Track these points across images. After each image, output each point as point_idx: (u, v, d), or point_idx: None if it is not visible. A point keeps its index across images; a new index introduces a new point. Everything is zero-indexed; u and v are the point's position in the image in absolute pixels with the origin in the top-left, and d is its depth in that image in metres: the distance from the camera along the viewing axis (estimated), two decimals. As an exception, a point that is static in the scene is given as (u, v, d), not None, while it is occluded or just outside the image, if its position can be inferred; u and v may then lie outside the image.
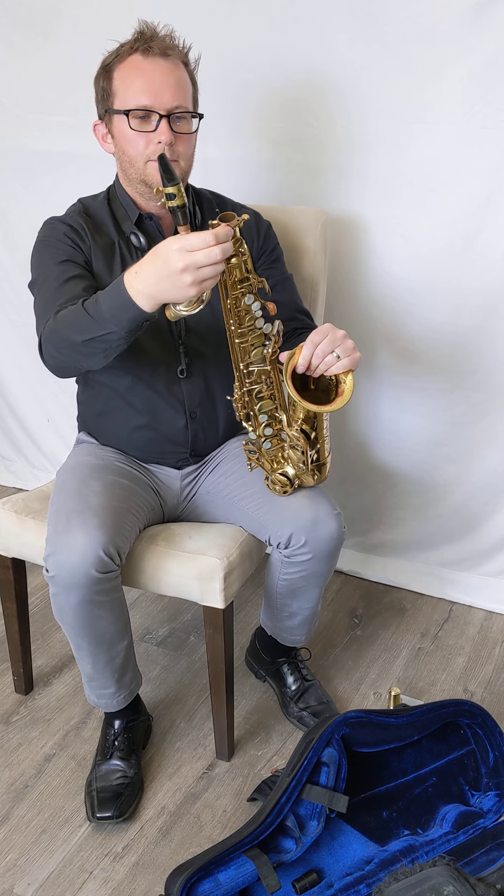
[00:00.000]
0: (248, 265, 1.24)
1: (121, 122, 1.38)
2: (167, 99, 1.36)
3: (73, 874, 1.39)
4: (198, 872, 1.22)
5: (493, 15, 1.59)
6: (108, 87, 1.39)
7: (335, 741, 1.29)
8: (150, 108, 1.36)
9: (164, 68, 1.36)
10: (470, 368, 1.90)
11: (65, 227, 1.46)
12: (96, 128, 1.46)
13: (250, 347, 1.30)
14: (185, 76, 1.40)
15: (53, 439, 2.57)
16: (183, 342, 1.50)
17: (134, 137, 1.38)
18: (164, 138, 1.36)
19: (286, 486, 1.42)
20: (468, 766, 1.40)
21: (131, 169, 1.42)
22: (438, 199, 1.78)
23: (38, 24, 2.02)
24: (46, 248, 1.44)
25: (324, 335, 1.23)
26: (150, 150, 1.38)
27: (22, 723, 1.71)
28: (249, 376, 1.33)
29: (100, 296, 1.24)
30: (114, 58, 1.39)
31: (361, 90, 1.76)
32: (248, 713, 1.74)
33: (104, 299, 1.22)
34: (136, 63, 1.36)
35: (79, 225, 1.46)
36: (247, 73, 1.80)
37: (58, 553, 1.32)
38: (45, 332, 1.33)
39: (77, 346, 1.26)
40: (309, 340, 1.24)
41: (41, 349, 1.35)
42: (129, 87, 1.37)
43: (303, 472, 1.40)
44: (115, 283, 1.20)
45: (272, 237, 1.60)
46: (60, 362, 1.33)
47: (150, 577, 1.49)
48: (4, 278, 2.38)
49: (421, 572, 2.15)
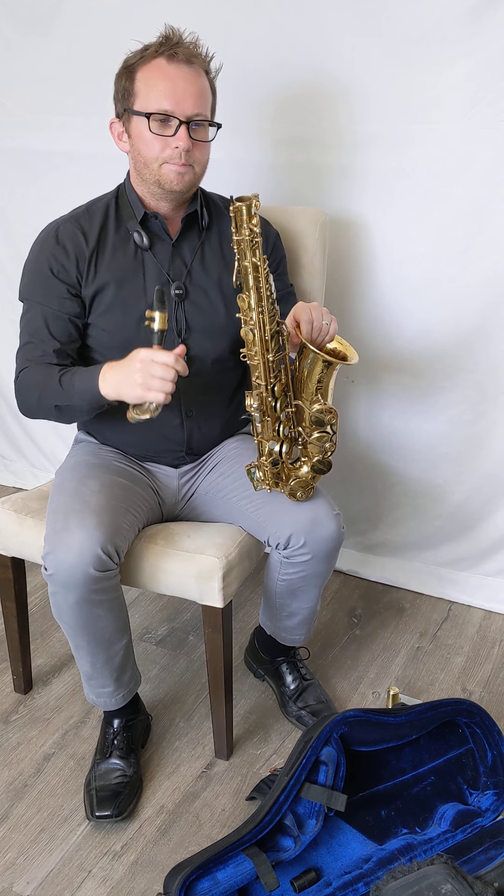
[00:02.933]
0: (260, 250, 1.26)
1: (140, 124, 1.39)
2: (188, 106, 1.37)
3: (72, 873, 1.39)
4: (196, 871, 1.22)
5: (493, 15, 1.60)
6: (130, 87, 1.40)
7: (334, 740, 1.30)
8: (170, 114, 1.36)
9: (188, 75, 1.37)
10: (469, 368, 1.90)
11: (56, 252, 1.46)
12: (112, 125, 1.47)
13: (272, 337, 1.30)
14: (206, 85, 1.41)
15: (53, 439, 2.57)
16: (183, 340, 1.50)
17: (152, 140, 1.39)
18: (182, 144, 1.37)
19: (309, 486, 1.41)
20: (466, 764, 1.40)
21: (146, 170, 1.43)
22: (439, 199, 1.78)
23: (39, 24, 2.02)
24: (37, 277, 1.48)
25: (308, 311, 1.33)
26: (167, 154, 1.39)
27: (21, 722, 1.71)
28: (273, 370, 1.33)
29: (76, 372, 1.40)
30: (138, 59, 1.39)
31: (362, 90, 1.76)
32: (246, 712, 1.74)
33: (79, 377, 1.38)
34: (160, 67, 1.37)
35: (73, 242, 1.46)
36: (248, 73, 1.81)
37: (56, 552, 1.32)
38: (20, 381, 1.47)
39: (46, 406, 1.43)
40: (302, 321, 1.32)
41: (16, 391, 1.48)
42: (151, 90, 1.37)
43: (327, 448, 1.36)
44: (95, 368, 1.36)
45: (280, 248, 1.61)
46: (30, 412, 1.49)
47: (149, 577, 1.49)
48: (4, 279, 2.38)
49: (420, 572, 2.15)
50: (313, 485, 1.41)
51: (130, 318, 1.47)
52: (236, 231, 1.24)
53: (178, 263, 1.50)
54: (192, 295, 1.50)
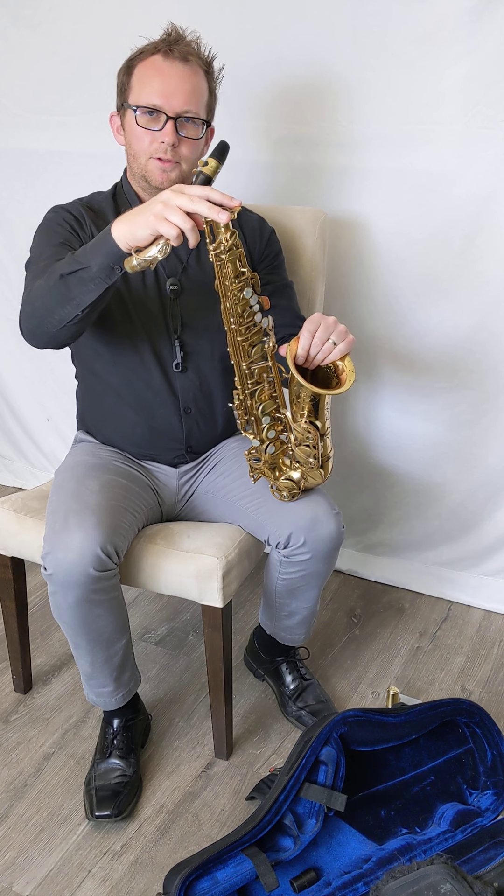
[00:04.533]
0: (243, 260, 1.24)
1: (131, 117, 1.42)
2: (177, 102, 1.38)
3: (71, 872, 1.39)
4: (196, 871, 1.22)
5: (493, 16, 1.60)
6: (127, 82, 1.43)
7: (333, 740, 1.29)
8: (159, 108, 1.38)
9: (182, 72, 1.39)
10: (469, 368, 1.90)
11: (66, 214, 1.48)
12: (112, 119, 1.49)
13: (249, 347, 1.30)
14: (201, 83, 1.42)
15: (53, 439, 2.57)
16: (179, 337, 1.50)
17: (140, 134, 1.41)
18: (167, 139, 1.39)
19: (294, 490, 1.41)
20: (466, 764, 1.40)
21: (135, 163, 1.45)
22: (438, 199, 1.78)
23: (39, 24, 2.02)
24: (45, 231, 1.47)
25: (317, 324, 1.26)
26: (153, 148, 1.41)
27: (21, 722, 1.71)
28: (251, 376, 1.33)
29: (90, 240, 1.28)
30: (138, 55, 1.42)
31: (362, 90, 1.76)
32: (246, 712, 1.74)
33: (92, 240, 1.25)
34: (155, 63, 1.39)
35: (80, 214, 1.49)
36: (247, 73, 1.80)
37: (55, 551, 1.32)
38: (24, 296, 1.32)
39: (54, 284, 1.25)
40: (304, 330, 1.26)
41: (20, 312, 1.33)
42: (144, 85, 1.40)
43: (311, 469, 1.39)
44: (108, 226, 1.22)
45: (275, 243, 1.61)
46: (33, 317, 1.31)
47: (148, 576, 1.49)
48: (3, 279, 2.38)
49: (419, 572, 2.15)
50: (298, 492, 1.42)
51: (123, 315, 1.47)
52: (212, 241, 1.22)
53: (174, 259, 1.51)
54: (187, 291, 1.50)
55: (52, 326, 1.29)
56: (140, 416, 1.54)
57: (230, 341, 1.31)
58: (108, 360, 1.52)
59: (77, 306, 1.26)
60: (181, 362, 1.51)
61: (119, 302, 1.47)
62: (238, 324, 1.28)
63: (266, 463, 1.40)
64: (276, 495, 1.43)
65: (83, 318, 1.28)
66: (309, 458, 1.37)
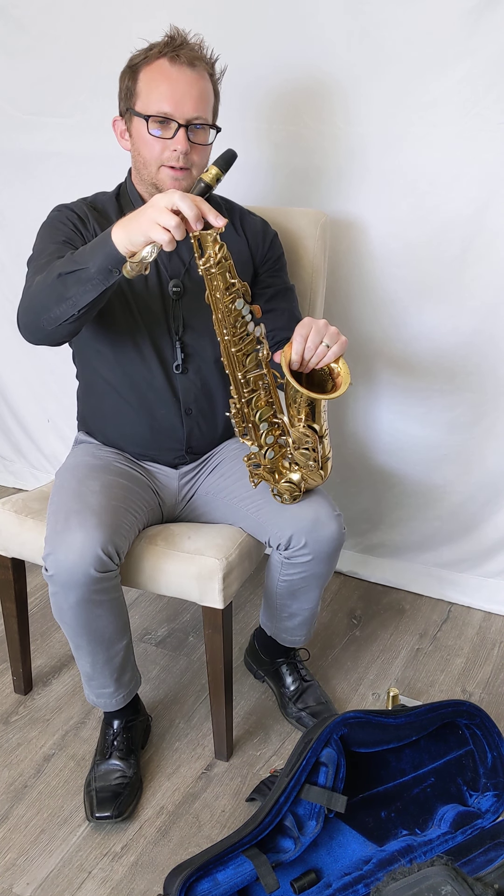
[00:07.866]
0: (233, 271, 1.25)
1: (140, 125, 1.40)
2: (188, 109, 1.37)
3: (71, 874, 1.39)
4: (196, 872, 1.22)
5: (492, 16, 1.60)
6: (133, 87, 1.41)
7: (334, 741, 1.29)
8: (170, 116, 1.37)
9: (190, 78, 1.38)
10: (469, 369, 1.91)
11: (70, 213, 1.48)
12: (115, 123, 1.48)
13: (244, 357, 1.31)
14: (208, 87, 1.42)
15: (53, 439, 2.58)
16: (180, 338, 1.50)
17: (151, 142, 1.40)
18: (180, 147, 1.38)
19: (295, 492, 1.42)
20: (466, 766, 1.40)
21: (144, 171, 1.44)
22: (438, 200, 1.78)
23: (34, 26, 2.02)
24: (49, 229, 1.47)
25: (308, 328, 1.26)
26: (165, 156, 1.40)
27: (21, 723, 1.71)
28: (247, 385, 1.33)
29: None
30: (141, 59, 1.40)
31: (361, 91, 1.76)
32: (246, 713, 1.74)
33: (92, 241, 1.26)
34: (162, 68, 1.38)
35: (84, 213, 1.48)
36: (247, 75, 1.80)
37: (56, 552, 1.32)
38: (24, 292, 1.34)
39: (52, 283, 1.26)
40: (297, 335, 1.26)
41: (19, 307, 1.34)
42: (152, 91, 1.38)
43: (311, 472, 1.39)
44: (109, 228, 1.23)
45: (277, 246, 1.61)
46: (30, 312, 1.31)
47: (149, 577, 1.49)
48: (3, 279, 2.38)
49: (420, 573, 2.15)
50: (299, 493, 1.42)
51: (125, 315, 1.47)
52: (201, 256, 1.23)
53: (177, 261, 1.51)
54: (189, 293, 1.50)
55: (48, 324, 1.30)
56: (141, 415, 1.54)
57: (224, 352, 1.31)
58: (110, 359, 1.52)
59: (73, 306, 1.26)
60: (182, 363, 1.52)
61: (122, 301, 1.48)
62: (231, 334, 1.29)
63: (266, 468, 1.40)
64: (278, 499, 1.43)
65: (79, 317, 1.29)
66: (309, 460, 1.37)
